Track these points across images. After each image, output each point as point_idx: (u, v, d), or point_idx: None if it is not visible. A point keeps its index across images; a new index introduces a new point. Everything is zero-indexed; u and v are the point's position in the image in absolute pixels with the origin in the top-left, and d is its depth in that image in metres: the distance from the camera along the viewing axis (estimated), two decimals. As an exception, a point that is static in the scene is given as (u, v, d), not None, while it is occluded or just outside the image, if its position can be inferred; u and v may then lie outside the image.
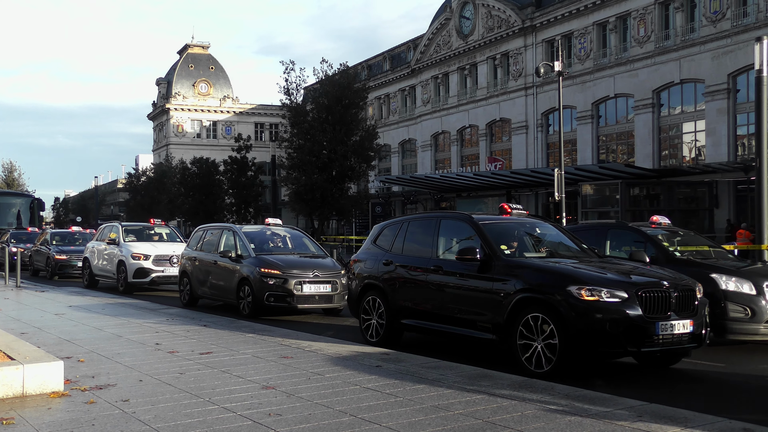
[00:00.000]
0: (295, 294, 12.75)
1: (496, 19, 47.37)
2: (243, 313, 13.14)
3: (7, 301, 14.93)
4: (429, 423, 5.31)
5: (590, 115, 40.76)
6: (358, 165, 36.57)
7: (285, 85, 37.27)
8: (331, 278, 13.15)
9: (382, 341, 9.58)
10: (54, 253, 24.00)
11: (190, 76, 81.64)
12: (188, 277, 15.37)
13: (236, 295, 13.59)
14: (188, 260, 15.57)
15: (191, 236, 16.51)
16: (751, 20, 32.30)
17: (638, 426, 5.23)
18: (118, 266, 18.73)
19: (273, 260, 13.29)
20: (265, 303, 12.83)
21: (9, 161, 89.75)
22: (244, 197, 51.33)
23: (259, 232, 14.97)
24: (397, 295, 9.58)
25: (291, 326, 11.35)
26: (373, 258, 10.26)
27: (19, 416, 5.41)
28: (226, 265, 14.05)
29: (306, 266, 13.30)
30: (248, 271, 13.22)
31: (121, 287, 18.44)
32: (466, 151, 51.82)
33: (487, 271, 8.29)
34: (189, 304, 15.08)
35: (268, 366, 7.56)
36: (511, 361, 7.96)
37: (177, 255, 17.79)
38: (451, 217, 10.08)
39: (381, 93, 60.88)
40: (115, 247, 19.13)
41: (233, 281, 13.69)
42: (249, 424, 5.27)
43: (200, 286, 14.95)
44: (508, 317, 7.83)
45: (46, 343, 8.94)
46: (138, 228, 20.90)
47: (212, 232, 15.64)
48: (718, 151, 33.50)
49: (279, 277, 12.81)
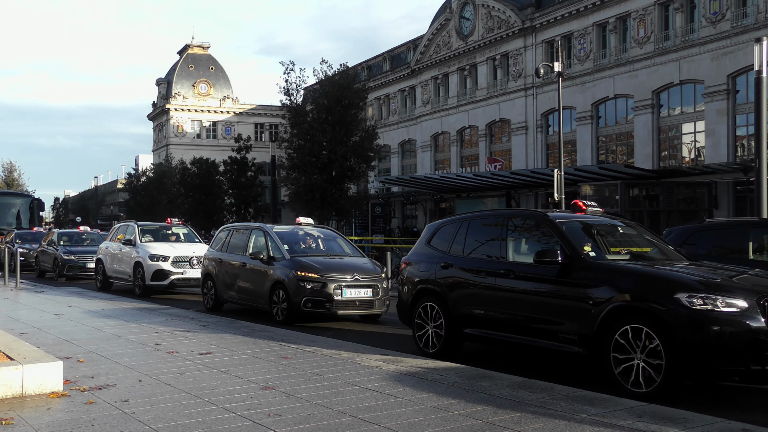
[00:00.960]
0: (334, 299, 11.89)
1: (495, 19, 47.37)
2: (277, 320, 12.24)
3: (6, 302, 14.93)
4: (428, 423, 5.31)
5: (590, 115, 40.76)
6: (358, 165, 36.55)
7: (285, 86, 37.25)
8: (372, 282, 12.30)
9: (440, 352, 8.74)
10: (61, 253, 23.45)
11: (190, 77, 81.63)
12: (213, 280, 14.51)
13: (269, 300, 12.68)
14: (212, 262, 14.72)
15: (215, 236, 15.68)
16: (751, 21, 32.31)
17: (637, 427, 5.24)
18: (134, 268, 17.85)
19: (310, 262, 12.40)
20: (303, 309, 11.99)
21: (9, 161, 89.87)
22: (243, 197, 51.33)
23: (291, 232, 14.00)
24: (459, 302, 8.73)
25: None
26: (428, 260, 9.40)
27: (19, 416, 5.41)
28: (257, 268, 13.18)
29: (345, 269, 12.41)
30: (282, 274, 12.39)
31: (138, 290, 17.58)
32: (466, 152, 51.82)
33: (567, 275, 7.44)
34: (213, 309, 14.32)
35: (267, 366, 7.56)
36: (600, 378, 7.28)
37: (198, 256, 17.20)
38: (523, 215, 9.27)
39: (381, 93, 60.88)
40: (131, 247, 18.26)
41: (265, 285, 12.81)
42: (248, 424, 5.27)
43: (226, 290, 14.09)
44: (598, 328, 6.96)
45: (45, 343, 8.94)
46: (155, 228, 20.04)
47: (239, 232, 14.78)
48: (717, 151, 33.50)
49: (317, 280, 11.95)
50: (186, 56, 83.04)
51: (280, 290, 12.38)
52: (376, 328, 12.11)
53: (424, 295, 9.25)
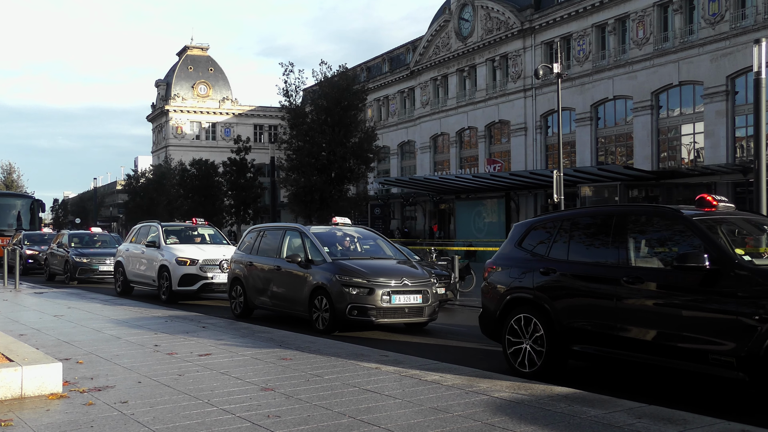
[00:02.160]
0: (382, 306, 10.87)
1: (495, 20, 47.40)
2: (317, 328, 11.24)
3: (5, 303, 14.91)
4: (428, 425, 5.31)
5: (589, 116, 40.79)
6: (357, 167, 36.58)
7: (284, 87, 37.30)
8: (422, 287, 11.30)
9: (540, 371, 7.57)
10: (73, 256, 22.54)
11: (189, 78, 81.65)
12: (242, 285, 13.52)
13: (307, 307, 11.66)
14: (241, 265, 13.74)
15: (242, 237, 14.63)
16: (750, 22, 32.35)
17: (637, 428, 5.23)
18: (159, 272, 16.63)
19: (354, 266, 11.38)
20: (347, 317, 10.94)
21: (8, 163, 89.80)
22: (243, 199, 51.35)
23: (329, 233, 12.88)
24: (566, 314, 7.49)
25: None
26: (521, 265, 8.23)
27: (18, 418, 5.41)
28: (294, 272, 12.13)
29: (393, 273, 11.40)
30: (324, 278, 11.37)
31: (163, 296, 16.38)
32: (465, 153, 51.84)
33: (716, 284, 6.29)
34: (242, 316, 13.34)
35: (267, 367, 7.55)
36: (761, 408, 6.43)
37: (227, 259, 15.93)
38: (649, 212, 7.83)
39: (380, 95, 60.91)
40: (155, 250, 17.07)
41: (303, 291, 11.78)
42: (248, 425, 5.27)
43: (257, 296, 13.10)
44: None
45: (44, 344, 8.93)
46: (179, 228, 18.79)
47: (270, 233, 13.69)
48: (716, 152, 33.53)
49: (363, 286, 10.92)
50: (185, 58, 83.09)
51: (321, 296, 11.38)
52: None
53: (518, 306, 8.06)
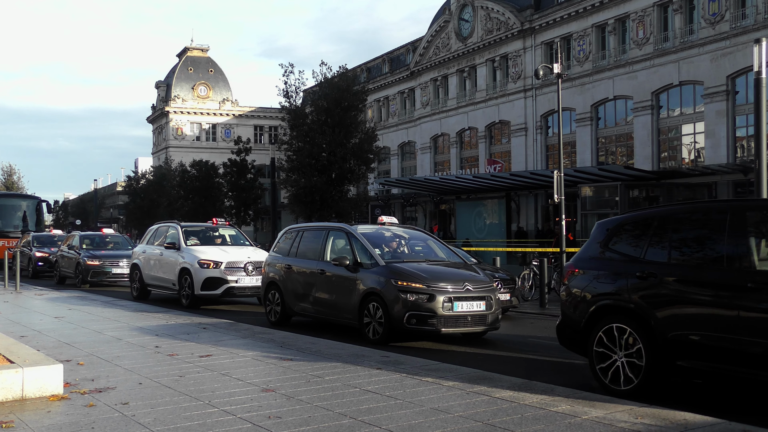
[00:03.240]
0: (443, 314, 9.92)
1: (495, 21, 47.41)
2: (369, 338, 10.31)
3: (6, 305, 14.91)
4: (429, 425, 5.31)
5: (589, 117, 40.78)
6: (358, 167, 36.60)
7: (284, 88, 37.32)
8: (485, 293, 10.38)
9: (638, 389, 6.71)
10: (85, 258, 21.77)
11: (190, 79, 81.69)
12: (278, 290, 12.59)
13: (358, 315, 10.68)
14: (277, 269, 12.78)
15: (278, 237, 13.69)
16: (750, 22, 32.34)
17: (638, 428, 5.23)
18: (180, 275, 15.71)
19: (411, 270, 10.42)
20: (405, 326, 9.98)
21: (8, 164, 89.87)
22: (243, 200, 51.37)
23: (376, 234, 11.85)
24: (669, 324, 6.61)
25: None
26: (611, 268, 7.34)
27: (19, 419, 5.41)
28: (341, 276, 11.14)
29: (454, 277, 10.45)
30: (376, 283, 10.42)
31: (185, 301, 15.48)
32: (466, 154, 51.84)
33: None
34: (280, 323, 12.40)
35: (268, 368, 7.55)
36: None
37: (253, 261, 15.32)
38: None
39: (380, 95, 60.92)
40: (174, 252, 16.18)
41: (353, 297, 10.80)
42: (249, 426, 5.27)
43: (297, 302, 12.16)
44: None
45: (45, 346, 8.93)
46: (200, 229, 17.86)
47: (311, 233, 12.68)
48: (717, 152, 33.52)
49: (422, 291, 9.96)
50: (185, 59, 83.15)
51: (373, 303, 10.40)
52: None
53: (609, 314, 7.15)
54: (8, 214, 35.61)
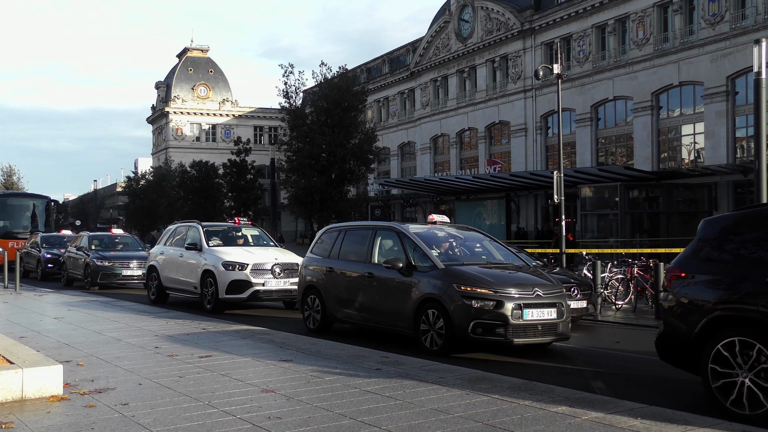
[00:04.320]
0: (513, 322, 8.98)
1: (494, 21, 47.43)
2: (427, 349, 9.38)
3: (6, 305, 14.91)
4: (429, 426, 5.30)
5: (589, 117, 40.79)
6: (357, 168, 36.64)
7: (284, 89, 37.34)
8: (556, 299, 9.48)
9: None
10: (94, 259, 21.00)
11: (190, 80, 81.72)
12: (318, 295, 11.62)
13: (413, 323, 9.70)
14: (317, 271, 11.85)
15: (316, 238, 12.62)
16: (750, 23, 32.36)
17: (638, 428, 5.23)
18: (202, 278, 14.76)
19: (475, 273, 9.49)
20: (470, 335, 9.04)
21: (8, 165, 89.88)
22: (243, 200, 51.40)
23: (429, 234, 10.81)
24: None
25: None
26: (729, 273, 6.38)
27: (19, 420, 5.40)
28: (393, 280, 10.17)
29: (522, 282, 9.53)
30: (435, 288, 9.47)
31: (208, 305, 14.51)
32: (465, 154, 51.86)
33: None
34: (320, 331, 11.39)
35: (267, 369, 7.55)
36: None
37: (281, 263, 14.51)
38: None
39: (380, 96, 60.94)
40: (196, 253, 15.30)
41: (408, 304, 9.79)
42: (248, 427, 5.26)
43: (341, 308, 11.17)
44: None
45: (45, 346, 8.93)
46: (222, 229, 16.97)
47: (355, 234, 11.72)
48: (717, 153, 33.54)
49: (489, 298, 9.04)
50: (185, 59, 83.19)
51: (432, 310, 9.43)
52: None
53: (729, 326, 6.22)
54: (17, 214, 34.48)
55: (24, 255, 27.34)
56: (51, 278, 24.62)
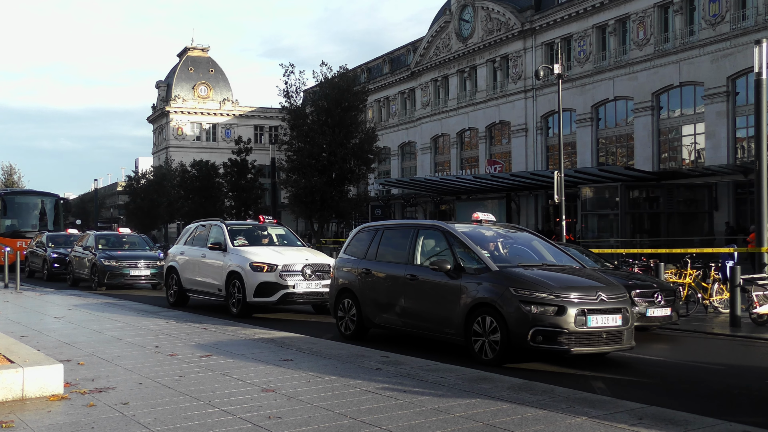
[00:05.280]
0: (576, 330, 8.21)
1: (495, 21, 47.43)
2: (481, 358, 8.61)
3: (6, 305, 14.91)
4: (429, 426, 5.30)
5: (590, 117, 40.79)
6: (358, 168, 36.60)
7: (285, 88, 37.32)
8: (621, 304, 8.65)
9: None
10: (101, 259, 20.51)
11: (190, 79, 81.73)
12: (354, 299, 10.82)
13: (462, 330, 8.91)
14: (352, 273, 11.02)
15: (350, 237, 11.89)
16: (750, 23, 32.35)
17: (638, 428, 5.23)
18: (228, 280, 13.96)
19: (532, 276, 8.73)
20: (530, 344, 8.27)
21: (9, 164, 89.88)
22: (243, 200, 51.34)
23: (476, 233, 9.91)
24: None
25: None
26: None
27: (19, 419, 5.41)
28: (439, 283, 9.35)
29: (584, 285, 8.74)
30: (488, 292, 8.67)
31: (234, 309, 13.70)
32: (466, 154, 51.86)
33: None
34: (355, 337, 10.64)
35: (268, 369, 7.55)
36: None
37: (312, 264, 13.64)
38: None
39: (380, 96, 60.95)
40: (220, 253, 14.43)
41: (457, 309, 9.00)
42: (249, 426, 5.27)
43: (379, 313, 10.37)
44: None
45: (45, 346, 8.93)
46: (247, 228, 16.13)
47: (394, 233, 10.96)
48: (717, 153, 33.54)
49: (550, 303, 8.28)
50: (186, 59, 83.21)
51: (485, 316, 8.66)
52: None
53: None
54: (25, 212, 33.34)
55: (29, 254, 26.88)
56: (57, 278, 24.16)
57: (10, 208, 32.43)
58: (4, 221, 31.97)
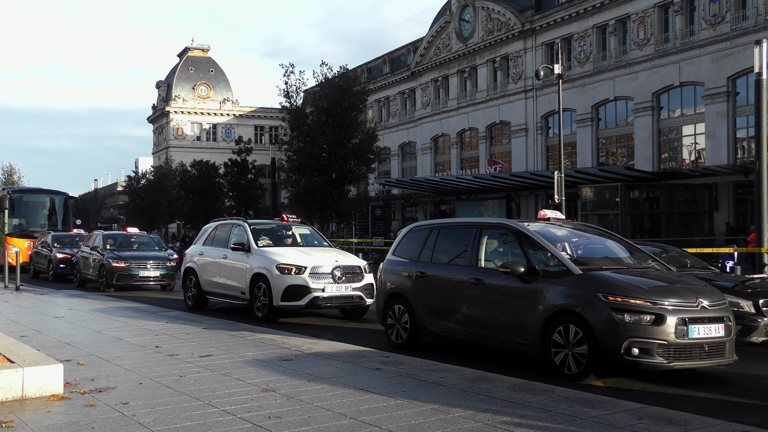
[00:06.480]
0: (675, 342, 7.30)
1: (495, 21, 47.42)
2: (563, 372, 7.70)
3: (6, 305, 14.91)
4: (429, 426, 5.30)
5: (590, 117, 40.79)
6: (358, 168, 36.57)
7: (285, 88, 37.30)
8: (723, 312, 7.75)
9: None
10: (109, 260, 20.00)
11: (190, 79, 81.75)
12: (406, 304, 9.87)
13: (540, 341, 7.98)
14: (403, 277, 10.09)
15: (399, 238, 10.88)
16: (751, 23, 32.34)
17: (638, 429, 5.23)
18: (252, 283, 13.20)
19: (624, 280, 7.81)
20: (624, 357, 7.31)
21: (8, 164, 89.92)
22: (244, 200, 51.32)
23: (546, 232, 8.94)
24: None
25: None
26: None
27: (19, 419, 5.41)
28: (510, 288, 8.43)
29: (682, 291, 7.81)
30: (570, 298, 7.79)
31: (259, 313, 12.93)
32: (466, 154, 51.85)
33: None
34: (408, 346, 9.71)
35: (268, 368, 7.55)
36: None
37: (341, 266, 12.95)
38: None
39: (381, 96, 60.94)
40: (242, 254, 13.72)
41: (532, 317, 8.08)
42: (249, 426, 5.27)
43: (436, 320, 9.44)
44: None
45: (45, 346, 8.93)
46: (271, 227, 15.30)
47: (454, 232, 10.06)
48: (717, 153, 33.53)
49: (646, 310, 7.34)
50: (186, 59, 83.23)
51: (568, 325, 7.73)
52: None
53: None
54: (33, 211, 32.31)
55: (34, 255, 26.46)
56: (63, 279, 23.81)
57: (18, 207, 31.32)
58: (12, 221, 30.81)
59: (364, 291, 13.08)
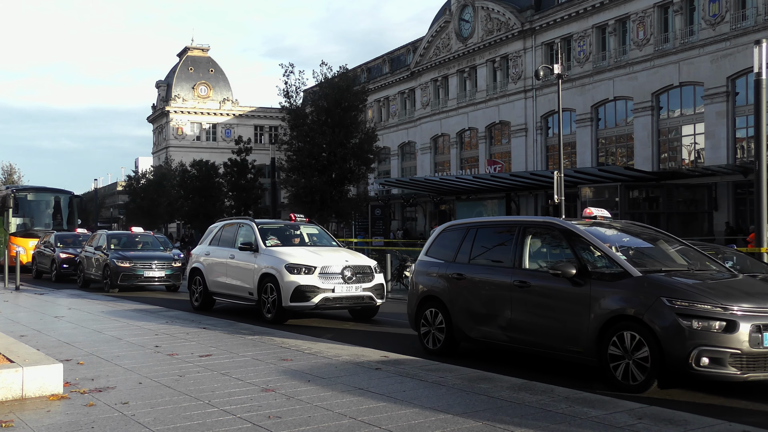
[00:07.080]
0: (748, 351, 6.61)
1: (495, 21, 47.44)
2: (622, 383, 7.08)
3: (6, 304, 14.91)
4: (429, 426, 5.31)
5: (589, 117, 40.80)
6: (358, 167, 36.57)
7: (284, 88, 37.29)
8: None
9: None
10: (113, 260, 19.76)
11: (190, 79, 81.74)
12: (442, 308, 9.28)
13: (595, 349, 7.34)
14: (438, 279, 9.49)
15: (432, 237, 10.29)
16: (750, 23, 32.36)
17: (638, 428, 5.23)
18: (260, 283, 12.97)
19: (689, 283, 7.21)
20: (693, 368, 6.68)
21: (8, 164, 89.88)
22: (243, 200, 51.33)
23: (597, 231, 8.30)
24: None
25: None
26: None
27: (19, 419, 5.41)
28: (560, 291, 7.83)
29: (753, 294, 7.21)
30: (629, 303, 7.13)
31: (268, 314, 12.69)
32: (466, 154, 51.87)
33: None
34: (443, 353, 9.14)
35: (267, 368, 7.55)
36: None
37: (351, 266, 12.70)
38: None
39: (380, 96, 60.95)
40: (250, 254, 13.49)
41: (585, 322, 7.45)
42: (248, 426, 5.27)
43: (475, 325, 8.83)
44: None
45: (45, 345, 8.93)
46: (279, 227, 15.05)
47: (495, 231, 9.51)
48: (717, 153, 33.55)
49: (716, 316, 6.70)
50: (186, 59, 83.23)
51: (626, 332, 7.10)
52: None
53: None
54: (37, 210, 31.82)
55: (37, 255, 26.17)
56: (66, 279, 23.58)
57: (22, 206, 30.88)
58: (15, 220, 30.33)
59: (374, 291, 12.88)
